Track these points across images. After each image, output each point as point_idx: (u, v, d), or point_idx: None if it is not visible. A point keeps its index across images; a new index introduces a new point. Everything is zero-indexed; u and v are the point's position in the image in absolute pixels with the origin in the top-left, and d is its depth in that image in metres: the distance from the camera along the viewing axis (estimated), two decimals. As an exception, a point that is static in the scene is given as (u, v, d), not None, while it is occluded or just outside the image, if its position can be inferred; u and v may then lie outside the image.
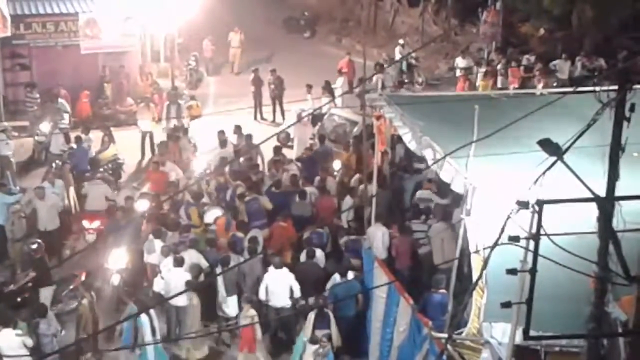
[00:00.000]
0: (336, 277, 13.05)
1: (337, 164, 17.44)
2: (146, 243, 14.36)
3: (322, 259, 14.00)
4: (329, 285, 13.08)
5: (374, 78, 22.98)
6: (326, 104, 20.80)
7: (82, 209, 16.88)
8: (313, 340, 11.88)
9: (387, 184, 15.83)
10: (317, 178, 16.70)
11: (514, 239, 6.92)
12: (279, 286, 13.07)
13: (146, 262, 14.29)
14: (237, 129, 19.42)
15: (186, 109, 22.35)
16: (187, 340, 12.87)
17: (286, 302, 13.14)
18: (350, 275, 13.13)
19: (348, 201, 15.56)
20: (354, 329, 12.89)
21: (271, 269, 13.22)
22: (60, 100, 21.61)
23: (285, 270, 13.17)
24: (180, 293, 12.46)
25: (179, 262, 13.24)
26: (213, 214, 15.22)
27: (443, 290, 11.79)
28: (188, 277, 13.11)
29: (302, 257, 13.89)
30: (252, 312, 12.65)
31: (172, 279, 13.10)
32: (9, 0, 22.43)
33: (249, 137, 18.74)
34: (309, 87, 22.60)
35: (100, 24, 23.78)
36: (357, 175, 16.51)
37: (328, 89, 22.98)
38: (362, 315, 12.85)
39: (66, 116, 21.18)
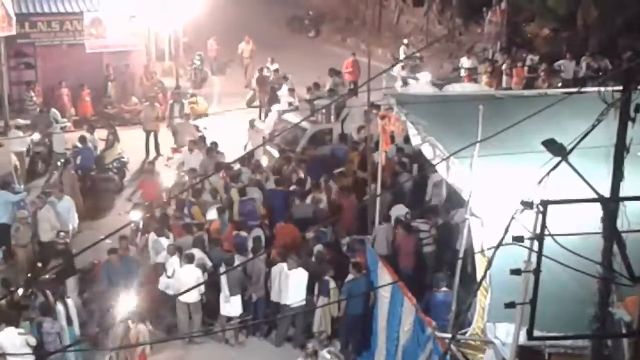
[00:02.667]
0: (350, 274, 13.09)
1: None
2: (151, 243, 14.39)
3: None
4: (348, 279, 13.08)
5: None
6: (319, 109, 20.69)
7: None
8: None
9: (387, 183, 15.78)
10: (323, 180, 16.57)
11: (518, 239, 6.91)
12: (294, 286, 13.13)
13: (153, 262, 14.28)
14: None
15: (188, 105, 22.42)
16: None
17: (300, 301, 13.20)
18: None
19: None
20: (361, 326, 12.91)
21: (286, 268, 13.25)
22: (52, 109, 21.64)
23: (300, 270, 13.19)
24: (188, 290, 12.56)
25: (189, 259, 13.29)
26: (215, 213, 15.25)
27: (445, 289, 11.77)
28: (199, 273, 13.18)
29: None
30: (142, 327, 12.24)
31: (182, 276, 13.14)
32: (14, -1, 22.52)
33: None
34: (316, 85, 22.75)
35: (105, 23, 23.83)
36: None
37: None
38: (370, 313, 12.86)
39: (57, 126, 21.14)
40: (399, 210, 14.61)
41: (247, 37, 28.67)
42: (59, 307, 12.29)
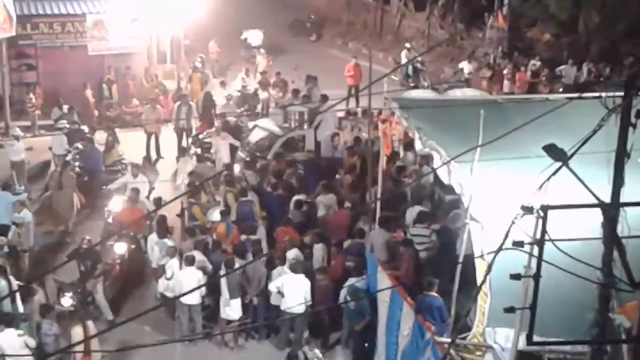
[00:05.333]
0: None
1: None
2: (154, 245, 14.36)
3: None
4: (347, 283, 13.02)
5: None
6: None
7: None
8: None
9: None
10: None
11: (518, 244, 6.91)
12: (295, 291, 13.07)
13: (157, 264, 14.24)
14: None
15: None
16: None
17: (300, 307, 13.11)
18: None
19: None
20: (361, 331, 12.89)
21: (290, 273, 13.20)
22: (64, 105, 21.58)
23: (302, 276, 13.13)
24: (189, 292, 12.58)
25: (190, 261, 13.28)
26: (216, 214, 15.26)
27: (434, 294, 11.64)
28: (200, 275, 13.18)
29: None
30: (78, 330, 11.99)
31: (183, 278, 13.15)
32: (15, 1, 22.50)
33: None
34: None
35: (107, 26, 23.86)
36: None
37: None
38: (374, 326, 12.79)
39: (64, 122, 21.10)
40: (415, 212, 14.47)
41: (263, 51, 27.91)
42: (2, 283, 12.32)
